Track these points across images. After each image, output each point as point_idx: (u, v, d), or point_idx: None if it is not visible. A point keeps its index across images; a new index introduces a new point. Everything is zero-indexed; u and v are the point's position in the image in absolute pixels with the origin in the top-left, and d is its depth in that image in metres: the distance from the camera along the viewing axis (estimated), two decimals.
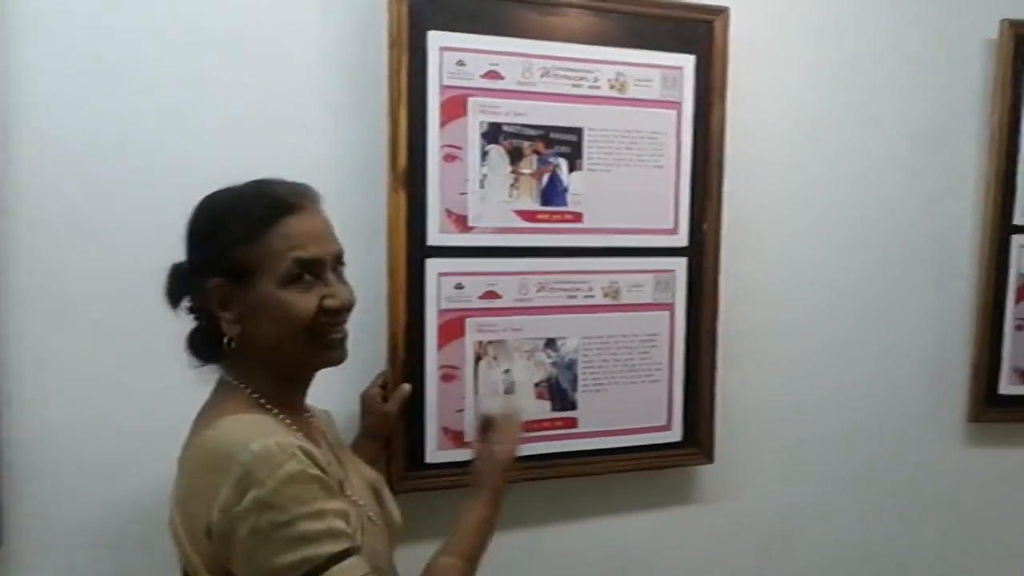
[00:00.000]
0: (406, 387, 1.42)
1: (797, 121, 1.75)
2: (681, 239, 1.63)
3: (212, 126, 1.36)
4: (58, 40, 1.28)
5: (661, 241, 1.62)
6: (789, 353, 1.78)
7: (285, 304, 1.03)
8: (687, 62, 1.60)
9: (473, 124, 1.46)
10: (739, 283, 1.69)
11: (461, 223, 1.47)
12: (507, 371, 1.52)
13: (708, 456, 1.67)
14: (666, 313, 1.63)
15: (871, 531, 1.88)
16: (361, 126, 1.43)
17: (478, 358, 1.50)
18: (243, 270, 1.04)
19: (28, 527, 1.30)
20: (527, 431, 1.51)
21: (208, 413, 1.06)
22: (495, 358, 1.51)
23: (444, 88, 1.44)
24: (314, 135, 1.42)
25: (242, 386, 1.07)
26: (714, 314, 1.65)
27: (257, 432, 0.99)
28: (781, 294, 1.77)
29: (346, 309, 1.08)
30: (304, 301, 1.04)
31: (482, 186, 1.48)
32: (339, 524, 0.97)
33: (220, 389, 1.09)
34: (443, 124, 1.44)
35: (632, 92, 1.57)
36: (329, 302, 1.06)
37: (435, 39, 1.42)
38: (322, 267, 1.06)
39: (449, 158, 1.45)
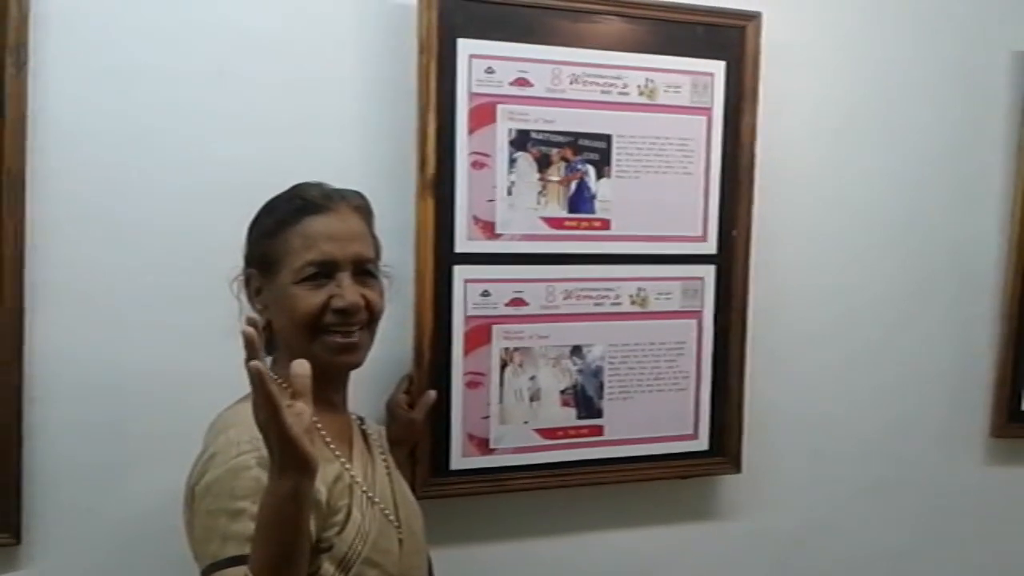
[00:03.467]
0: (432, 394, 1.43)
1: (826, 129, 1.73)
2: (710, 246, 1.61)
3: (239, 130, 1.37)
4: (82, 40, 1.29)
5: (690, 248, 1.60)
6: (814, 362, 1.76)
7: (293, 299, 1.09)
8: (718, 68, 1.59)
9: (501, 131, 1.46)
10: (767, 291, 1.67)
11: (488, 230, 1.47)
12: (533, 378, 1.52)
13: (736, 465, 1.66)
14: (694, 321, 1.62)
15: (893, 545, 1.85)
16: (390, 132, 1.44)
17: (504, 365, 1.50)
18: (268, 262, 1.12)
19: (46, 525, 1.31)
20: (552, 439, 1.53)
21: (242, 397, 1.09)
22: (521, 365, 1.51)
23: (473, 95, 1.44)
24: (343, 141, 1.42)
25: (276, 378, 1.08)
26: (743, 322, 1.64)
27: (247, 421, 1.00)
28: (806, 303, 1.75)
29: (353, 311, 1.09)
30: (310, 298, 1.08)
31: (510, 193, 1.47)
32: (250, 528, 0.95)
33: None
34: (472, 131, 1.44)
35: (662, 99, 1.56)
36: (335, 302, 1.09)
37: (465, 46, 1.42)
38: (335, 268, 1.10)
39: (477, 165, 1.45)
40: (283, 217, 1.12)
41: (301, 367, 0.92)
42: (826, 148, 1.74)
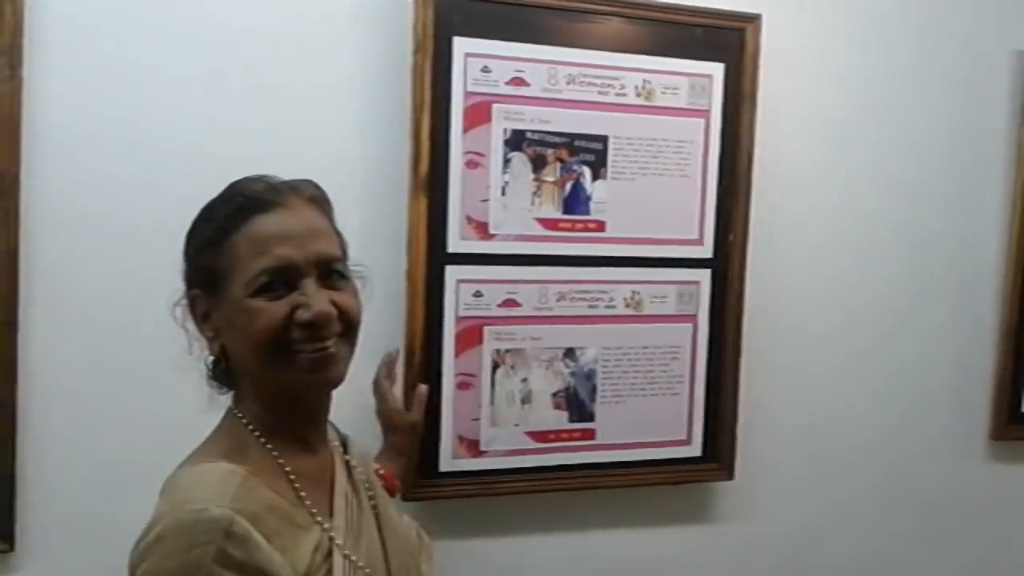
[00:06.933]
0: (423, 388, 1.41)
1: (825, 131, 1.71)
2: (706, 250, 1.60)
3: (233, 130, 1.36)
4: (76, 44, 1.28)
5: (685, 252, 1.59)
6: (810, 368, 1.75)
7: (249, 314, 0.90)
8: (716, 70, 1.57)
9: (496, 131, 1.45)
10: (763, 296, 1.65)
11: (482, 230, 1.45)
12: (525, 380, 1.50)
13: (728, 472, 1.64)
14: (689, 325, 1.60)
15: (892, 549, 1.84)
16: (384, 131, 1.42)
17: (495, 366, 1.48)
18: (214, 278, 0.93)
19: (40, 532, 1.30)
20: (544, 442, 1.52)
21: (200, 447, 0.96)
22: (513, 367, 1.49)
23: (468, 94, 1.42)
24: (336, 140, 1.41)
25: (239, 415, 0.96)
26: (738, 327, 1.62)
27: (205, 495, 0.86)
28: (802, 308, 1.73)
29: (323, 322, 0.91)
30: (270, 311, 0.90)
31: (504, 193, 1.46)
32: None
33: (223, 418, 0.99)
34: (466, 130, 1.43)
35: (659, 100, 1.55)
36: (300, 313, 0.90)
37: (460, 45, 1.41)
38: (296, 273, 0.91)
39: (471, 165, 1.44)
40: (224, 222, 0.93)
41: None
42: (825, 151, 1.72)
